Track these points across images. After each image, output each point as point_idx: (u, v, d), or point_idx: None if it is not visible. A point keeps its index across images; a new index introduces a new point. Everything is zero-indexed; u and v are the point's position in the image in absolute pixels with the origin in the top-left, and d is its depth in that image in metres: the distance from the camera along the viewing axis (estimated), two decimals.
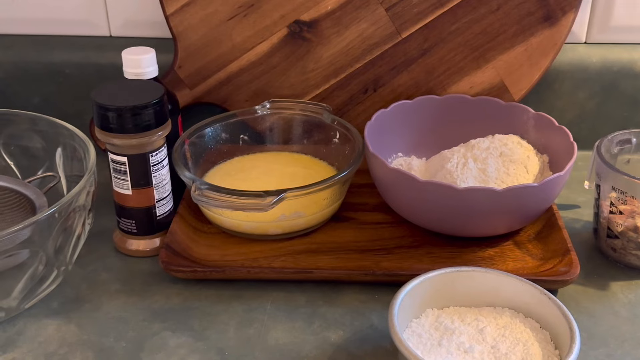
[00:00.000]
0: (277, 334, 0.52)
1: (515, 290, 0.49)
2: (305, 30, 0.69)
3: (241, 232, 0.59)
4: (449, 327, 0.48)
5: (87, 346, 0.51)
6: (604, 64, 0.72)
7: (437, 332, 0.48)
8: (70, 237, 0.53)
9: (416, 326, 0.48)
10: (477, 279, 0.49)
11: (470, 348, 0.46)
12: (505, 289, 0.49)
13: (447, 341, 0.46)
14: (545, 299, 0.47)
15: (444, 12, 0.68)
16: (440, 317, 0.49)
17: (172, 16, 0.69)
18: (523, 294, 0.49)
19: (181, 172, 0.58)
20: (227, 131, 0.67)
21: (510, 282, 0.49)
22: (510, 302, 0.49)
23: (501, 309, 0.50)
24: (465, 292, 0.50)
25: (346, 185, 0.61)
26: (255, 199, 0.54)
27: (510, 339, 0.47)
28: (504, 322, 0.48)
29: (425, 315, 0.49)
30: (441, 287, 0.49)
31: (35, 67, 0.74)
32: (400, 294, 0.47)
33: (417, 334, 0.48)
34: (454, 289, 0.50)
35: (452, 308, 0.50)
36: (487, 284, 0.49)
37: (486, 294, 0.50)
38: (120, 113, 0.54)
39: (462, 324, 0.48)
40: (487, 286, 0.49)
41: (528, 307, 0.49)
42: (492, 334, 0.47)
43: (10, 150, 0.64)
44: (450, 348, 0.46)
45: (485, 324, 0.48)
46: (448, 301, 0.50)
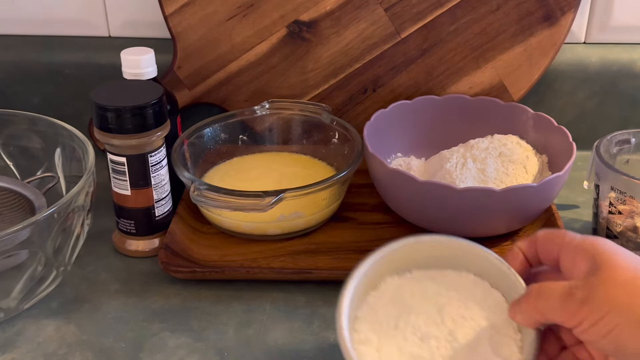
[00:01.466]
0: (276, 334, 0.52)
1: (479, 260, 0.45)
2: (305, 31, 0.69)
3: (240, 232, 0.59)
4: (407, 303, 0.44)
5: (87, 346, 0.50)
6: (603, 64, 0.72)
7: (394, 309, 0.44)
8: (70, 238, 0.53)
9: (374, 301, 0.45)
10: (439, 248, 0.45)
11: (426, 335, 0.42)
12: (469, 259, 0.45)
13: (404, 323, 0.43)
14: (505, 270, 0.43)
15: (443, 12, 0.68)
16: (400, 289, 0.45)
17: (171, 16, 0.69)
18: (486, 265, 0.44)
19: (180, 173, 0.58)
20: (226, 131, 0.67)
21: (472, 250, 0.45)
22: (471, 267, 0.45)
23: (466, 274, 0.45)
24: (428, 258, 0.46)
25: (345, 185, 0.61)
26: (254, 199, 0.54)
27: (469, 323, 0.43)
28: (466, 297, 0.44)
29: (385, 286, 0.45)
30: (401, 256, 0.45)
31: (35, 67, 0.74)
32: (354, 281, 0.43)
33: (374, 310, 0.44)
34: (416, 257, 0.46)
35: (414, 274, 0.46)
36: (451, 252, 0.45)
37: (450, 261, 0.46)
38: (119, 113, 0.54)
39: (422, 300, 0.44)
40: (452, 254, 0.45)
41: (492, 279, 0.45)
42: (452, 315, 0.43)
43: (9, 151, 0.64)
44: (406, 333, 0.43)
45: (445, 301, 0.44)
46: (410, 265, 0.46)
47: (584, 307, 0.37)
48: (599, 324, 0.36)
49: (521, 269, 0.43)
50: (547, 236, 0.42)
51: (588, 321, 0.37)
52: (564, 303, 0.38)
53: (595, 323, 0.36)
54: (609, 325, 0.36)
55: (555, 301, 0.38)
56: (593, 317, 0.37)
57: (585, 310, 0.37)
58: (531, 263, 0.43)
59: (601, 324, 0.36)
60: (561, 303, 0.38)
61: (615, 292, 0.36)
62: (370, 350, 0.42)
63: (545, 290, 0.39)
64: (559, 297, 0.38)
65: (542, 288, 0.40)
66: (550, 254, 0.42)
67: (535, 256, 0.43)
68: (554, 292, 0.39)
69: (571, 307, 0.37)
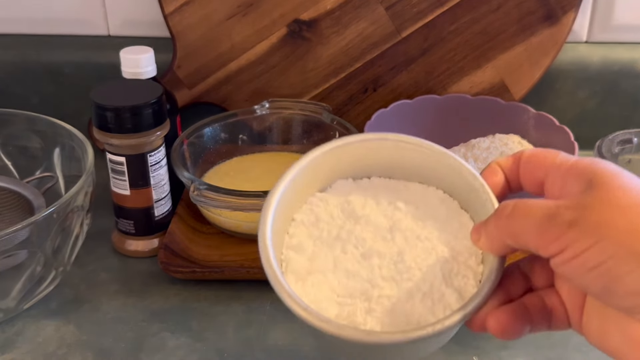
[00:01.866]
0: (276, 334, 0.51)
1: (451, 173, 0.37)
2: (305, 30, 0.68)
3: (240, 232, 0.59)
4: (356, 213, 0.37)
5: (86, 347, 0.50)
6: (605, 64, 0.72)
7: (341, 216, 0.37)
8: (69, 238, 0.53)
9: (318, 202, 0.38)
10: (407, 153, 0.38)
11: (370, 251, 0.36)
12: (441, 171, 0.38)
13: (347, 234, 0.36)
14: (477, 186, 0.36)
15: (444, 12, 0.67)
16: (351, 195, 0.38)
17: (170, 15, 0.68)
18: (457, 179, 0.37)
19: (180, 173, 0.58)
20: (226, 131, 0.67)
21: (444, 159, 0.37)
22: (441, 182, 0.38)
23: (434, 190, 0.39)
24: (393, 164, 0.39)
25: None
26: (254, 199, 0.54)
27: (424, 245, 0.36)
28: (427, 214, 0.37)
29: (335, 188, 0.38)
30: (359, 156, 0.38)
31: (34, 66, 0.74)
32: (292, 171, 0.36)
33: (315, 214, 0.37)
34: (379, 160, 0.38)
35: (373, 181, 0.39)
36: (421, 160, 0.38)
37: (419, 172, 0.39)
38: (118, 113, 0.54)
39: (374, 211, 0.37)
40: (421, 163, 0.38)
41: (462, 198, 0.38)
42: (405, 233, 0.36)
43: (8, 151, 0.64)
44: (347, 245, 0.36)
45: (401, 216, 0.37)
46: (370, 170, 0.39)
47: (570, 231, 0.29)
48: (588, 253, 0.29)
49: (498, 191, 0.35)
50: (533, 155, 0.34)
51: (573, 249, 0.29)
52: (546, 224, 0.30)
53: (583, 252, 0.29)
54: (601, 256, 0.29)
55: (534, 221, 0.31)
56: (581, 244, 0.29)
57: (572, 235, 0.29)
58: (511, 186, 0.36)
59: (590, 254, 0.29)
60: (542, 224, 0.30)
61: (614, 215, 0.29)
62: (300, 258, 0.36)
63: (522, 207, 0.32)
64: (541, 217, 0.30)
65: (519, 205, 0.32)
66: (534, 176, 0.34)
67: (516, 179, 0.35)
68: (534, 211, 0.31)
69: (554, 229, 0.30)
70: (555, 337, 0.51)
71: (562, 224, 0.30)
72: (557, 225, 0.30)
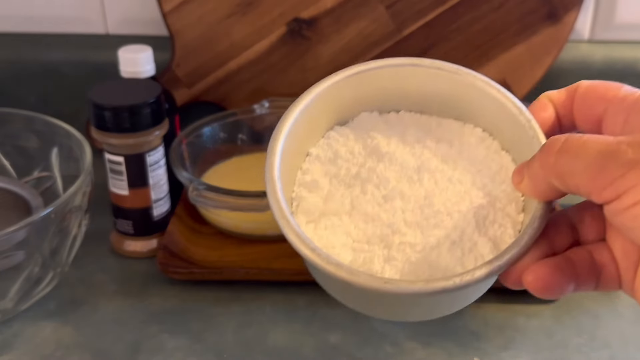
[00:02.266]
0: (276, 336, 0.51)
1: (493, 107, 0.33)
2: (305, 28, 0.68)
3: (239, 233, 0.59)
4: (380, 150, 0.32)
5: (84, 348, 0.50)
6: (607, 63, 0.72)
7: (362, 153, 0.33)
8: (67, 238, 0.53)
9: (337, 137, 0.33)
10: (442, 83, 0.33)
11: (393, 193, 0.31)
12: (481, 105, 0.33)
13: (368, 173, 0.32)
14: (523, 122, 0.32)
15: (445, 10, 0.67)
16: (376, 130, 0.33)
17: (169, 14, 0.68)
18: (500, 114, 0.33)
19: (178, 172, 0.57)
20: (225, 130, 0.66)
21: (487, 91, 0.33)
22: (480, 118, 0.34)
23: (471, 128, 0.34)
24: (426, 96, 0.34)
25: None
26: (254, 199, 0.54)
27: (455, 188, 0.32)
28: (461, 155, 0.33)
29: (357, 121, 0.34)
30: (387, 84, 0.33)
31: (31, 66, 0.73)
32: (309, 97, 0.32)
33: (333, 150, 0.33)
34: (409, 90, 0.34)
35: (401, 115, 0.34)
36: (459, 91, 0.33)
37: (455, 106, 0.34)
38: (116, 112, 0.54)
39: (400, 149, 0.33)
40: (459, 95, 0.33)
41: (505, 136, 0.33)
42: (435, 174, 0.32)
43: (5, 150, 0.63)
44: (367, 186, 0.31)
45: (431, 156, 0.32)
46: (398, 103, 0.34)
47: (631, 172, 0.25)
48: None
49: (548, 129, 0.31)
50: (591, 87, 0.30)
51: (634, 194, 0.25)
52: (602, 163, 0.25)
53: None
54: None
55: (588, 159, 0.26)
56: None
57: (633, 177, 0.25)
58: (562, 123, 0.31)
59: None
60: (597, 163, 0.26)
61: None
62: (313, 198, 0.32)
63: (575, 142, 0.27)
64: (596, 155, 0.26)
65: (571, 140, 0.27)
66: (591, 111, 0.29)
67: (569, 114, 0.31)
68: (588, 146, 0.26)
69: (611, 170, 0.25)
70: (556, 337, 0.51)
71: (622, 163, 0.25)
72: (616, 164, 0.25)
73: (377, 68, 0.33)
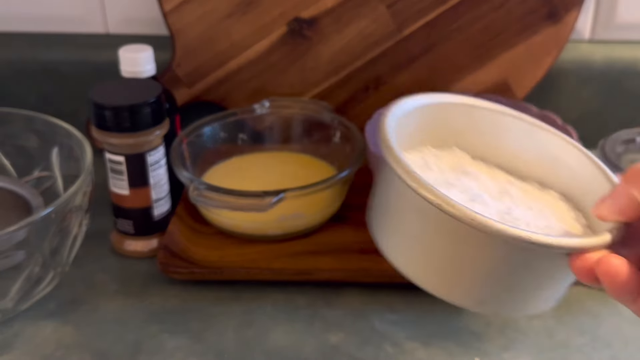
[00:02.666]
0: (276, 335, 0.51)
1: (577, 166, 0.35)
2: (305, 28, 0.68)
3: (240, 232, 0.59)
4: (466, 169, 0.36)
5: (84, 348, 0.50)
6: (608, 62, 0.71)
7: (452, 172, 0.36)
8: (67, 238, 0.53)
9: (429, 153, 0.36)
10: (535, 139, 0.36)
11: (476, 199, 0.33)
12: (564, 164, 0.36)
13: (455, 181, 0.34)
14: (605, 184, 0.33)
15: (446, 10, 0.67)
16: (466, 162, 0.36)
17: (169, 14, 0.68)
18: (584, 175, 0.35)
19: (179, 172, 0.57)
20: (225, 130, 0.66)
21: (574, 154, 0.36)
22: (565, 187, 0.36)
23: (552, 191, 0.37)
24: (514, 152, 0.36)
25: (347, 185, 0.60)
26: (254, 199, 0.54)
27: (536, 212, 0.34)
28: (542, 197, 0.36)
29: (450, 152, 0.37)
30: (486, 129, 0.36)
31: (31, 65, 0.73)
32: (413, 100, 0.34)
33: (425, 160, 0.36)
34: (500, 141, 0.36)
35: (489, 164, 0.37)
36: (545, 149, 0.36)
37: (540, 166, 0.36)
38: (117, 112, 0.54)
39: (487, 177, 0.35)
40: (545, 154, 0.36)
41: (584, 200, 0.35)
42: (514, 199, 0.34)
43: (5, 150, 0.63)
44: (452, 190, 0.34)
45: (515, 188, 0.35)
46: (487, 154, 0.37)
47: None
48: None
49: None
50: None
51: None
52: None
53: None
54: None
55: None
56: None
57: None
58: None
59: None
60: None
61: None
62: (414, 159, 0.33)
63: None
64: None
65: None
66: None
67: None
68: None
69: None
70: (557, 338, 0.51)
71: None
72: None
73: (484, 108, 0.36)
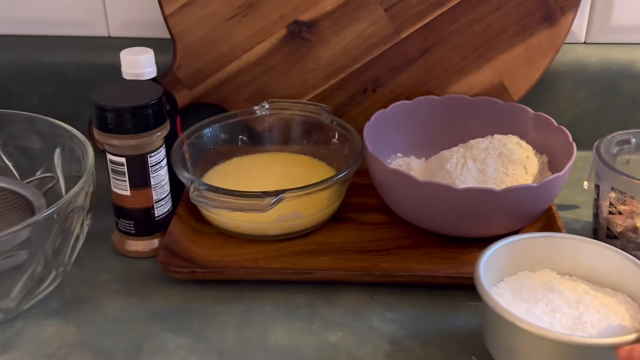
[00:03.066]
0: (276, 334, 0.52)
1: (635, 276, 0.48)
2: (305, 31, 0.69)
3: (240, 232, 0.59)
4: (553, 287, 0.48)
5: (86, 347, 0.50)
6: (603, 64, 0.72)
7: (541, 288, 0.49)
8: (69, 238, 0.53)
9: (525, 277, 0.50)
10: (603, 256, 0.50)
11: (557, 307, 0.46)
12: (626, 274, 0.49)
13: (542, 296, 0.48)
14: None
15: (444, 12, 0.67)
16: (553, 280, 0.50)
17: (170, 16, 0.69)
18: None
19: (180, 173, 0.58)
20: (226, 132, 0.67)
21: (632, 267, 0.48)
22: (631, 289, 0.49)
23: (621, 294, 0.49)
24: (590, 267, 0.50)
25: (345, 185, 0.61)
26: (254, 199, 0.54)
27: (602, 314, 0.47)
28: (610, 302, 0.48)
29: (542, 273, 0.51)
30: (565, 252, 0.50)
31: (34, 67, 0.74)
32: (505, 242, 0.50)
33: (520, 282, 0.49)
34: (578, 259, 0.50)
35: (573, 278, 0.51)
36: (612, 264, 0.49)
37: (610, 274, 0.49)
38: (118, 114, 0.54)
39: (568, 291, 0.48)
40: (612, 266, 0.49)
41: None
42: (588, 306, 0.47)
43: (8, 151, 0.64)
44: (539, 303, 0.47)
45: (590, 297, 0.48)
46: (571, 269, 0.51)
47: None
48: None
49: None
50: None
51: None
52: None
53: None
54: None
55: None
56: None
57: None
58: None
59: None
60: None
61: None
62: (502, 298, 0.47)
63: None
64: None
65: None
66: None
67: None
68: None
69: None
70: None
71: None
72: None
73: (563, 238, 0.51)
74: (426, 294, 0.55)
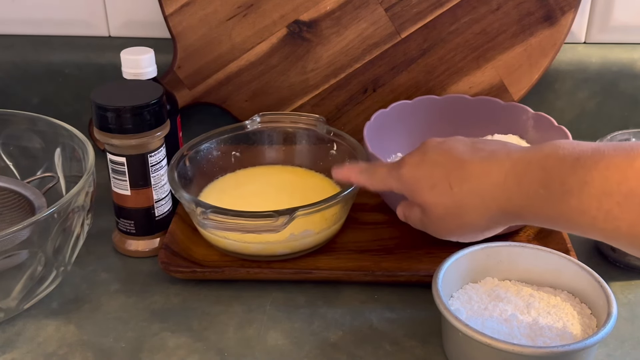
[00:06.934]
0: (276, 334, 0.52)
1: (574, 274, 0.51)
2: (305, 30, 0.69)
3: (248, 254, 0.56)
4: (500, 295, 0.50)
5: (87, 346, 0.50)
6: (603, 64, 0.72)
7: (488, 298, 0.50)
8: (69, 238, 0.53)
9: (470, 289, 0.51)
10: (539, 258, 0.52)
11: (512, 316, 0.48)
12: (564, 272, 0.51)
13: (493, 307, 0.49)
14: (594, 283, 0.49)
15: (444, 12, 0.68)
16: (497, 287, 0.52)
17: (171, 16, 0.69)
18: (580, 279, 0.50)
19: (180, 195, 0.55)
20: (217, 148, 0.64)
21: (569, 266, 0.51)
22: (569, 286, 0.51)
23: (560, 291, 0.51)
24: (527, 269, 0.52)
25: (354, 197, 0.59)
26: (267, 219, 0.51)
27: (553, 316, 0.49)
28: (555, 302, 0.50)
29: (484, 282, 0.52)
30: (503, 259, 0.52)
31: (35, 67, 0.74)
32: (453, 258, 0.51)
33: (468, 295, 0.51)
34: (516, 264, 0.52)
35: (513, 282, 0.53)
36: (548, 264, 0.51)
37: (548, 274, 0.52)
38: (119, 113, 0.54)
39: (515, 296, 0.50)
40: (549, 267, 0.52)
41: (584, 292, 0.50)
42: (538, 309, 0.49)
43: (9, 151, 0.64)
44: (493, 313, 0.49)
45: (536, 299, 0.50)
46: (510, 274, 0.53)
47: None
48: None
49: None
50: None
51: None
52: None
53: None
54: None
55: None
56: None
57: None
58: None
59: None
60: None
61: None
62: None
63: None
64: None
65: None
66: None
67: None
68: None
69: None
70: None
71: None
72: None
73: (500, 246, 0.52)
74: (426, 294, 0.55)
